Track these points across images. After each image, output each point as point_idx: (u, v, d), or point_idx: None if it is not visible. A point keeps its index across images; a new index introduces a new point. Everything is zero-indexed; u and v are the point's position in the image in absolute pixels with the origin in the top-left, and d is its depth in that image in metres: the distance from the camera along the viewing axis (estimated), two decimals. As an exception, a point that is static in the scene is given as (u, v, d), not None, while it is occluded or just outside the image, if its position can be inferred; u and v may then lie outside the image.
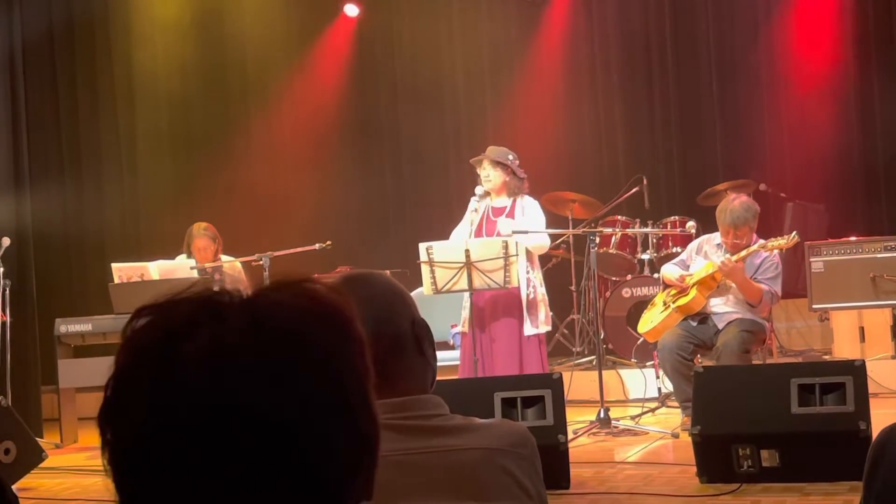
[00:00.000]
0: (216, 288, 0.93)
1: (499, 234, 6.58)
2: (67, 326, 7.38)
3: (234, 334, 0.88)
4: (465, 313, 6.65)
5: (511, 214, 6.71)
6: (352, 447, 0.91)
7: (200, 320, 0.89)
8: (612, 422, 6.33)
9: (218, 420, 0.86)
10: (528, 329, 6.50)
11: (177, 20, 10.23)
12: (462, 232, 6.72)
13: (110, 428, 0.90)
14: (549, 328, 6.77)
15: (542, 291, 6.68)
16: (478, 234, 6.68)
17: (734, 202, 6.35)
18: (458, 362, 6.72)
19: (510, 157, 6.76)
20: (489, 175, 6.71)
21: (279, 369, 0.88)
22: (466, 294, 6.57)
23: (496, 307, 6.61)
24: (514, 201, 6.74)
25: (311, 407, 0.88)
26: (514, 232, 6.56)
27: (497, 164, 6.72)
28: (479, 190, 6.75)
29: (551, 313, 8.85)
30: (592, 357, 8.07)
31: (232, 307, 0.90)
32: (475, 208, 6.71)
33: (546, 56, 10.23)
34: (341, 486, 0.90)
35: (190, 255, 7.88)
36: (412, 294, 1.94)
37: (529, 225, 6.63)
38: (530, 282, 6.58)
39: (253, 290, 0.94)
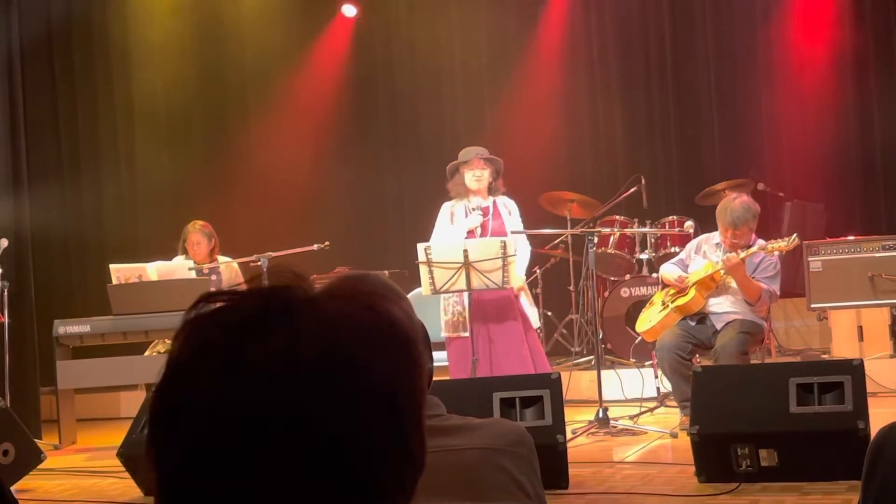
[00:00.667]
0: (284, 283, 0.91)
1: (492, 233, 6.64)
2: (66, 328, 7.37)
3: (305, 342, 0.86)
4: (452, 317, 6.66)
5: (497, 214, 6.74)
6: (401, 471, 0.90)
7: (271, 319, 0.87)
8: (611, 421, 6.33)
9: (279, 430, 0.84)
10: (535, 321, 6.62)
11: (175, 21, 10.23)
12: (451, 234, 6.73)
13: (167, 411, 0.88)
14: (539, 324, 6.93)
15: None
16: (469, 234, 6.72)
17: (735, 202, 6.35)
18: (445, 363, 6.72)
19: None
20: (481, 175, 6.73)
21: (344, 387, 0.86)
22: (445, 298, 6.61)
23: (492, 308, 6.62)
24: (495, 201, 6.78)
25: (370, 428, 0.87)
26: (513, 232, 6.58)
27: (489, 162, 6.75)
28: (475, 203, 6.76)
29: (548, 312, 8.93)
30: (591, 357, 8.07)
31: (303, 313, 0.88)
32: (481, 223, 6.72)
33: (544, 56, 10.23)
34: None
35: (185, 254, 7.88)
36: (410, 294, 1.93)
37: (514, 216, 6.73)
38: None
39: (321, 290, 0.91)
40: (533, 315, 6.84)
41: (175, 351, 0.89)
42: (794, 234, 6.27)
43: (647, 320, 6.63)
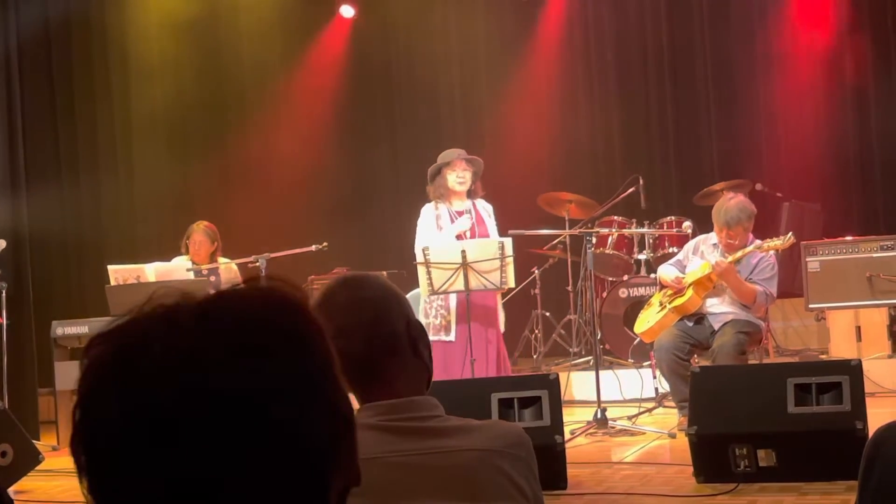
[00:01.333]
0: (169, 300, 0.94)
1: (482, 237, 6.65)
2: (64, 329, 7.37)
3: (185, 336, 0.89)
4: (437, 320, 6.66)
5: (480, 217, 6.75)
6: (325, 421, 0.92)
7: (153, 334, 0.91)
8: (609, 422, 6.33)
9: (186, 419, 0.86)
10: (502, 326, 6.64)
11: (173, 21, 10.23)
12: (450, 233, 6.72)
13: (84, 452, 0.90)
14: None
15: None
16: (460, 236, 6.72)
17: (730, 202, 6.35)
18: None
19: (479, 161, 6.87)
20: (464, 177, 6.72)
21: (232, 356, 0.89)
22: (426, 302, 6.62)
23: (480, 310, 6.64)
24: (474, 203, 6.78)
25: (274, 385, 0.89)
26: (511, 233, 6.59)
27: (472, 163, 6.75)
28: (459, 192, 6.76)
29: (546, 313, 8.93)
30: (589, 357, 8.07)
31: (181, 313, 0.92)
32: (469, 228, 6.71)
33: (542, 56, 10.24)
34: (323, 461, 0.91)
35: (186, 253, 7.88)
36: (409, 295, 1.93)
37: (492, 218, 6.73)
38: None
39: (204, 295, 0.95)
40: (501, 318, 6.85)
41: (79, 391, 0.91)
42: (790, 233, 6.27)
43: (646, 321, 6.63)
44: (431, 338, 6.58)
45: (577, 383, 7.71)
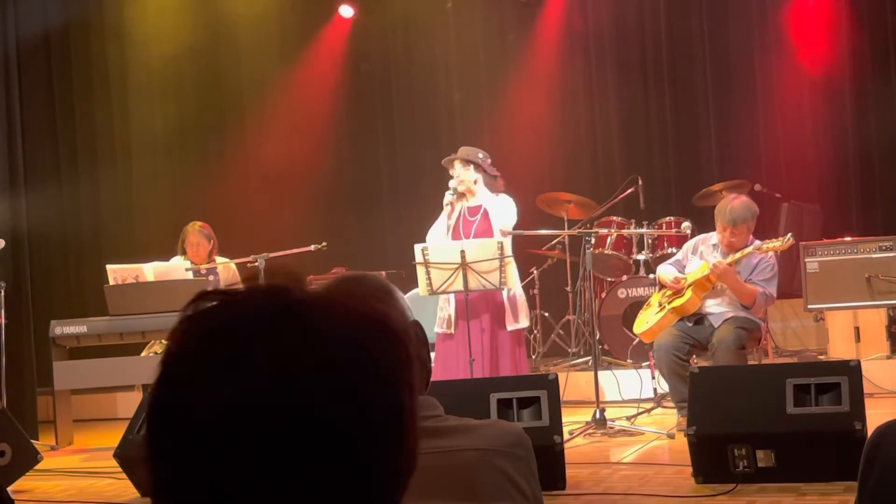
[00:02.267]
0: (283, 283, 0.92)
1: (475, 235, 6.62)
2: (62, 328, 7.36)
3: (308, 336, 0.87)
4: (443, 314, 6.67)
5: (486, 214, 6.73)
6: (399, 462, 0.92)
7: (275, 318, 0.88)
8: (608, 422, 6.33)
9: (283, 426, 0.85)
10: (511, 324, 6.57)
11: (172, 21, 10.22)
12: (440, 229, 6.73)
13: (173, 403, 0.87)
14: (527, 324, 6.82)
15: (519, 290, 6.71)
16: (455, 235, 6.70)
17: (734, 201, 6.37)
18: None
19: (480, 155, 6.78)
20: (460, 175, 6.72)
21: (346, 378, 0.87)
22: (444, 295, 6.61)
23: (484, 307, 6.63)
24: (489, 200, 6.77)
25: (374, 422, 0.88)
26: (503, 233, 6.58)
27: (467, 163, 6.73)
28: (452, 183, 6.75)
29: (545, 313, 8.93)
30: (588, 358, 8.07)
31: (306, 310, 0.89)
32: (449, 202, 6.72)
33: (541, 56, 10.24)
34: (388, 496, 0.91)
35: (183, 253, 7.88)
36: (408, 295, 1.93)
37: (498, 216, 6.66)
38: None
39: (318, 291, 0.93)
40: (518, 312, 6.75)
41: (174, 348, 0.88)
42: (789, 234, 6.27)
43: (645, 321, 6.63)
44: (438, 330, 6.60)
45: (576, 384, 7.70)
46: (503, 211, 6.72)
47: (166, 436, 0.87)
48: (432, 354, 6.75)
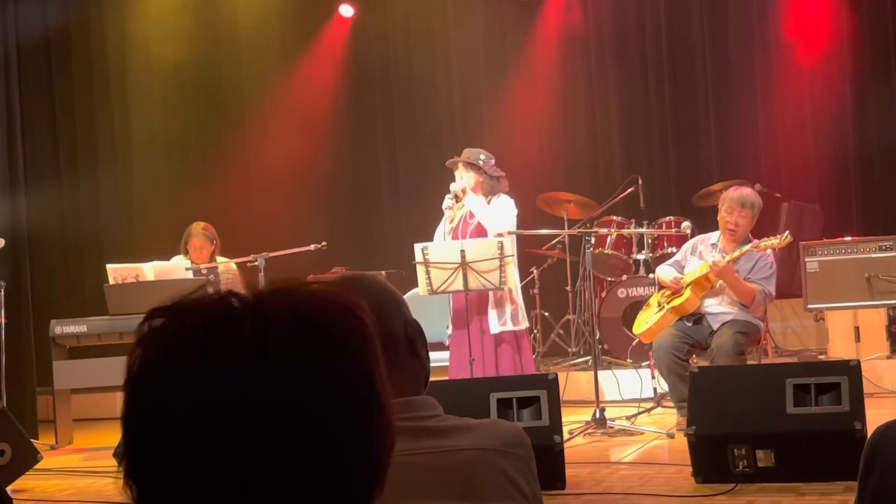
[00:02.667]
0: (230, 289, 0.92)
1: (472, 237, 6.62)
2: (62, 328, 7.36)
3: (278, 326, 0.87)
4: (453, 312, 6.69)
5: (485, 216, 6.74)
6: (381, 438, 0.92)
7: (239, 314, 0.88)
8: (608, 422, 6.33)
9: (259, 412, 0.85)
10: (495, 327, 6.54)
11: (171, 21, 10.22)
12: (444, 232, 6.74)
13: (140, 406, 0.88)
14: (522, 326, 6.75)
15: (512, 288, 6.69)
16: (455, 235, 6.70)
17: (742, 188, 6.56)
18: (447, 363, 6.72)
19: (482, 157, 6.78)
20: (463, 177, 6.74)
21: (321, 362, 0.88)
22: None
23: (480, 306, 6.63)
24: (490, 201, 6.77)
25: (348, 399, 0.89)
26: (498, 234, 6.58)
27: (469, 165, 6.74)
28: (453, 186, 6.76)
29: (545, 313, 8.92)
30: (588, 357, 8.07)
31: (268, 299, 0.90)
32: (449, 205, 6.72)
33: (541, 56, 10.23)
34: (372, 477, 0.91)
35: (186, 254, 7.88)
36: (407, 295, 1.93)
37: (493, 215, 6.64)
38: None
39: (277, 285, 0.93)
40: (510, 313, 6.74)
41: (138, 357, 0.89)
42: (787, 231, 6.28)
43: (644, 322, 6.64)
44: (450, 331, 6.61)
45: (576, 383, 7.71)
46: (499, 213, 6.70)
47: (140, 436, 0.88)
48: (443, 354, 6.76)
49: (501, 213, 6.70)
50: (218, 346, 0.86)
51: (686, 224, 7.56)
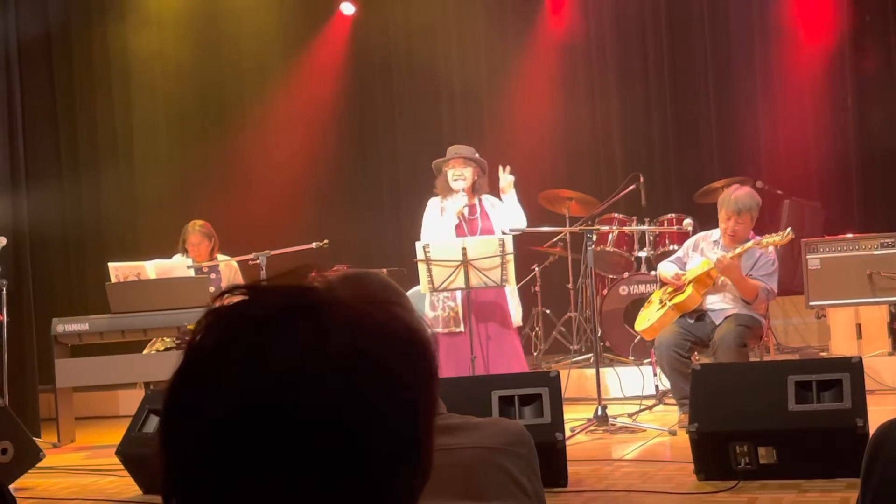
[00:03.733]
0: (309, 282, 0.91)
1: (481, 233, 6.62)
2: (64, 326, 7.37)
3: (333, 343, 0.86)
4: (444, 312, 6.65)
5: (484, 213, 6.73)
6: (411, 476, 0.91)
7: (298, 315, 0.87)
8: (610, 419, 6.33)
9: (300, 425, 0.84)
10: (517, 321, 6.61)
11: (172, 20, 10.23)
12: (447, 228, 6.72)
13: (186, 397, 0.87)
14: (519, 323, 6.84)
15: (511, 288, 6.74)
16: (460, 233, 6.69)
17: (738, 191, 6.44)
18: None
19: (476, 154, 6.80)
20: (463, 174, 6.71)
21: (365, 387, 0.87)
22: (437, 294, 6.61)
23: (485, 305, 6.63)
24: (480, 199, 6.78)
25: (389, 431, 0.88)
26: (510, 231, 6.58)
27: (470, 161, 6.73)
28: (456, 185, 6.74)
29: (547, 310, 8.92)
30: (590, 355, 8.06)
31: (330, 312, 0.88)
32: (460, 211, 6.70)
33: (542, 54, 10.23)
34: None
35: (185, 252, 7.88)
36: (409, 293, 1.93)
37: (507, 215, 6.66)
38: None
39: (347, 293, 0.91)
40: (515, 312, 6.79)
41: (196, 341, 0.88)
42: (788, 228, 6.27)
43: (646, 319, 6.64)
44: (441, 330, 6.59)
45: (578, 381, 7.71)
46: (516, 209, 6.73)
47: (179, 431, 0.87)
48: None
49: (518, 210, 6.74)
50: (268, 347, 0.86)
51: (687, 221, 7.56)
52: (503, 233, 6.63)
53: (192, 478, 0.86)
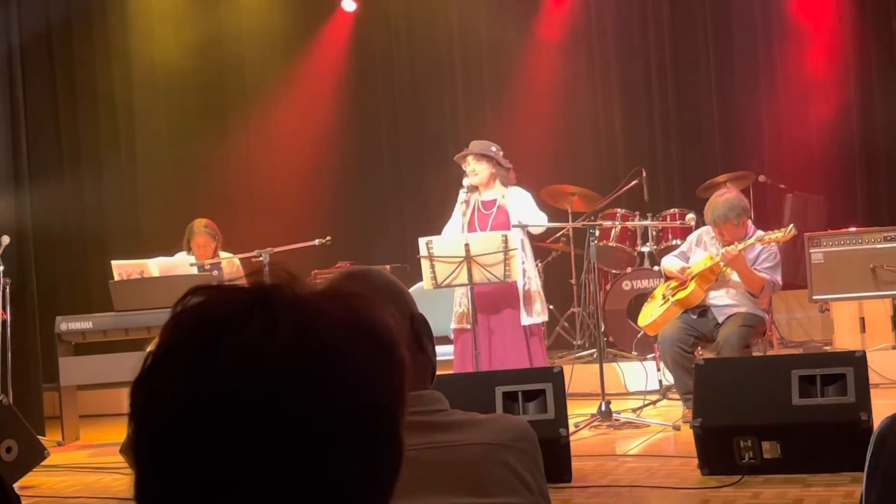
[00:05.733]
0: (267, 280, 0.91)
1: (491, 229, 6.60)
2: (68, 324, 7.37)
3: (281, 335, 0.86)
4: (461, 309, 6.65)
5: (503, 207, 6.70)
6: (377, 467, 0.91)
7: (251, 312, 0.87)
8: (614, 415, 6.33)
9: (249, 417, 0.84)
10: (525, 319, 6.53)
11: (174, 17, 10.23)
12: (455, 227, 6.73)
13: (141, 401, 0.88)
14: (545, 318, 6.77)
15: (537, 283, 6.70)
16: (470, 228, 6.68)
17: (719, 198, 6.37)
18: (452, 357, 6.71)
19: (493, 148, 6.75)
20: (475, 169, 6.70)
21: (317, 378, 0.86)
22: (459, 291, 6.59)
23: (494, 300, 6.61)
24: (504, 194, 6.75)
25: (341, 419, 0.87)
26: (520, 224, 6.56)
27: (482, 157, 6.71)
28: (466, 181, 6.74)
29: (550, 306, 8.91)
30: (593, 350, 8.07)
31: (283, 306, 0.89)
32: (464, 200, 6.70)
33: (545, 49, 10.22)
34: (368, 499, 0.90)
35: (190, 252, 7.88)
36: (412, 289, 1.93)
37: (524, 209, 6.64)
38: (526, 272, 6.59)
39: (304, 289, 0.92)
40: (536, 307, 6.72)
41: (159, 340, 0.90)
42: (791, 225, 6.26)
43: (649, 314, 6.63)
44: (456, 326, 6.60)
45: (581, 376, 7.71)
46: (529, 204, 6.71)
47: (140, 431, 0.88)
48: (450, 348, 6.76)
49: (531, 203, 6.71)
50: (217, 341, 0.86)
51: (690, 216, 7.55)
52: (518, 223, 6.60)
53: (156, 471, 0.87)
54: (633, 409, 6.70)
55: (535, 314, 6.60)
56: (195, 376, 0.85)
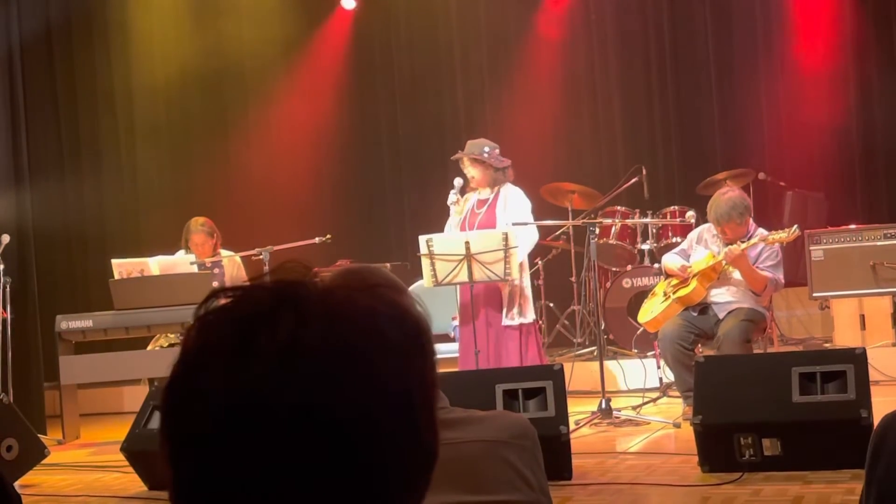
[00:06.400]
0: (292, 276, 0.91)
1: (477, 228, 6.61)
2: (68, 323, 7.37)
3: (313, 332, 0.86)
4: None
5: (493, 206, 6.71)
6: (412, 459, 0.90)
7: (280, 310, 0.87)
8: (614, 412, 6.33)
9: (288, 419, 0.84)
10: (505, 320, 6.53)
11: (174, 16, 10.23)
12: (451, 225, 6.74)
13: (180, 401, 0.88)
14: (528, 319, 6.72)
15: (525, 283, 6.68)
16: (462, 227, 6.69)
17: (722, 197, 6.37)
18: (457, 354, 6.72)
19: (486, 149, 6.74)
20: (471, 173, 6.73)
21: (351, 373, 0.86)
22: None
23: (487, 299, 6.63)
24: (497, 192, 6.75)
25: (376, 414, 0.87)
26: (514, 223, 6.57)
27: (474, 161, 6.71)
28: (457, 182, 6.75)
29: (550, 304, 8.92)
30: (593, 348, 8.07)
31: (311, 300, 0.88)
32: (454, 201, 6.71)
33: (544, 46, 10.22)
34: (398, 498, 0.89)
35: (187, 249, 7.88)
36: (412, 287, 1.93)
37: (513, 217, 6.63)
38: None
39: (330, 282, 0.91)
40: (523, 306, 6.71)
41: (186, 343, 0.89)
42: (795, 226, 6.26)
43: (649, 311, 6.63)
44: (457, 324, 6.61)
45: (582, 374, 7.71)
46: (518, 203, 6.71)
47: (179, 425, 0.88)
48: (450, 346, 6.77)
49: (518, 209, 6.70)
50: (250, 343, 0.86)
51: (690, 213, 7.55)
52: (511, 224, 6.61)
53: (196, 473, 0.87)
54: (633, 407, 6.70)
55: (515, 315, 6.58)
56: (234, 378, 0.85)
